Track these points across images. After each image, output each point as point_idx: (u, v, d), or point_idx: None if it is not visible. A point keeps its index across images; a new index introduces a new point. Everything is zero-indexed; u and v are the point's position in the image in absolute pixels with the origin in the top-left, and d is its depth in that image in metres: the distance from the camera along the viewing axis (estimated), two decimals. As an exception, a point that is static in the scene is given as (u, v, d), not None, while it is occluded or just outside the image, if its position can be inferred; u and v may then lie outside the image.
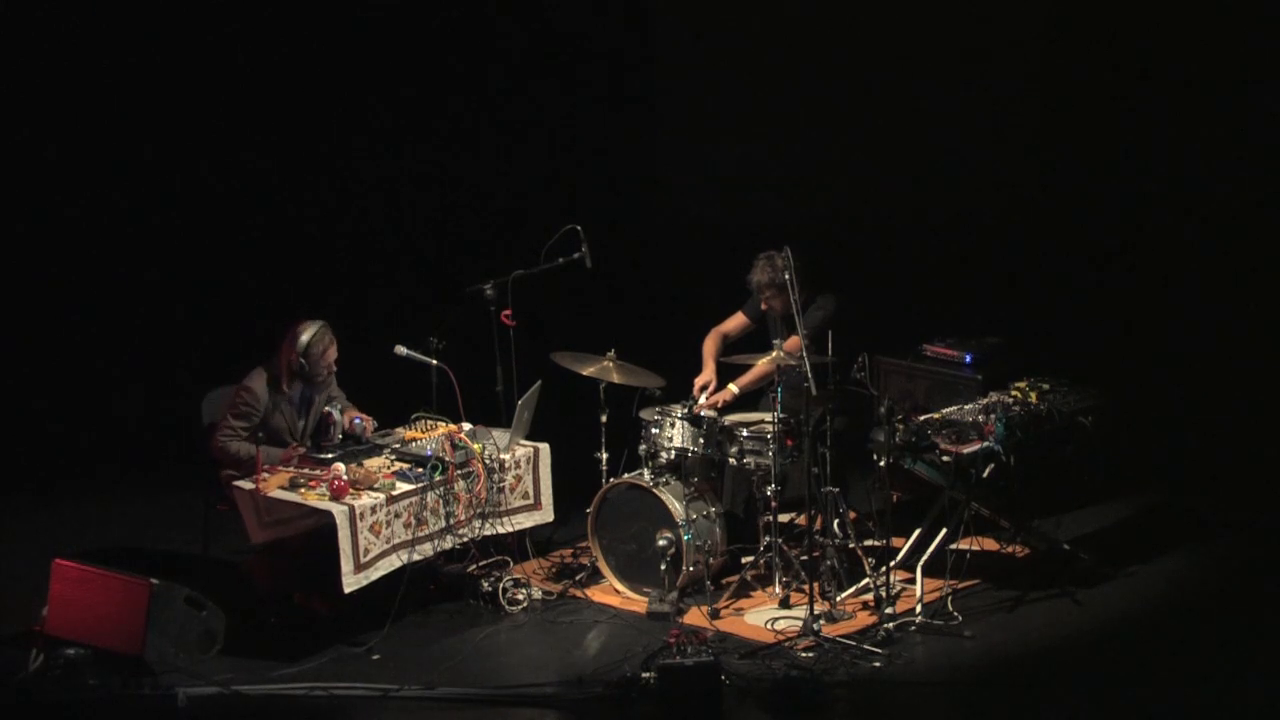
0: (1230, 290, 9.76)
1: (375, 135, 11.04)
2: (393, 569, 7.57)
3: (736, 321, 8.66)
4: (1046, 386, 8.13)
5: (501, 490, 8.00)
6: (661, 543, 7.89)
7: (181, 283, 10.84)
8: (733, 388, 8.36)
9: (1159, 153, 9.87)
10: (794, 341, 7.95)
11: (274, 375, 7.85)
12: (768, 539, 8.03)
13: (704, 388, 8.42)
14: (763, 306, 8.46)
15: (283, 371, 7.84)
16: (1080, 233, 10.13)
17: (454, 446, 7.80)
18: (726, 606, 7.88)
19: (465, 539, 7.88)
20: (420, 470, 7.71)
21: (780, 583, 7.98)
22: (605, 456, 8.35)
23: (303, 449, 7.87)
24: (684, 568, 7.91)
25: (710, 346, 8.59)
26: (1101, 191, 10.08)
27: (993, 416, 7.83)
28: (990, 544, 8.33)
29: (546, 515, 8.23)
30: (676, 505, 7.93)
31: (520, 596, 8.00)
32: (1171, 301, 9.84)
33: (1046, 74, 10.16)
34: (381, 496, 7.53)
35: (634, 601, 8.00)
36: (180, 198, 10.86)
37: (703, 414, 8.17)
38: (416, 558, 7.67)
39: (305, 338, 7.82)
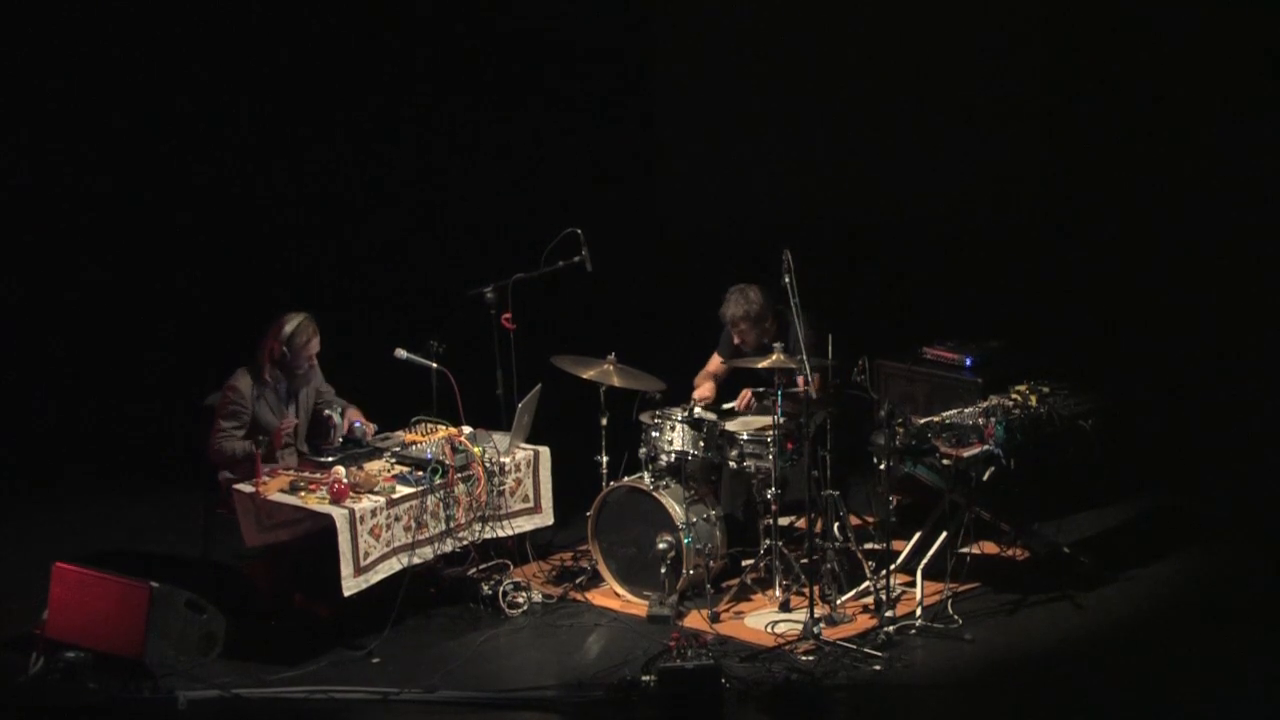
0: (1230, 292, 9.76)
1: (375, 137, 11.03)
2: (393, 572, 7.56)
3: (716, 364, 8.62)
4: (1046, 390, 8.13)
5: (501, 493, 8.00)
6: (662, 546, 7.88)
7: (181, 285, 10.83)
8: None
9: (1159, 154, 9.86)
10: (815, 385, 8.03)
11: (256, 367, 7.87)
12: (768, 542, 8.03)
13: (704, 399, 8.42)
14: (735, 340, 8.43)
15: (265, 361, 7.86)
16: (1080, 235, 10.12)
17: (454, 450, 7.80)
18: (727, 610, 7.88)
19: (465, 542, 7.88)
20: (420, 473, 7.71)
21: (780, 586, 7.98)
22: (605, 460, 8.34)
23: (295, 420, 7.87)
24: (684, 571, 7.90)
25: (703, 383, 8.58)
26: (1102, 193, 10.07)
27: (993, 420, 7.83)
28: (990, 547, 8.33)
29: (546, 518, 8.23)
30: (676, 508, 7.93)
31: (520, 600, 8.00)
32: (1172, 303, 9.83)
33: (1047, 75, 10.16)
34: (382, 500, 7.53)
35: (634, 605, 7.99)
36: (179, 199, 10.85)
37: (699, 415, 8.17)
38: (417, 561, 7.67)
39: (289, 328, 7.86)
